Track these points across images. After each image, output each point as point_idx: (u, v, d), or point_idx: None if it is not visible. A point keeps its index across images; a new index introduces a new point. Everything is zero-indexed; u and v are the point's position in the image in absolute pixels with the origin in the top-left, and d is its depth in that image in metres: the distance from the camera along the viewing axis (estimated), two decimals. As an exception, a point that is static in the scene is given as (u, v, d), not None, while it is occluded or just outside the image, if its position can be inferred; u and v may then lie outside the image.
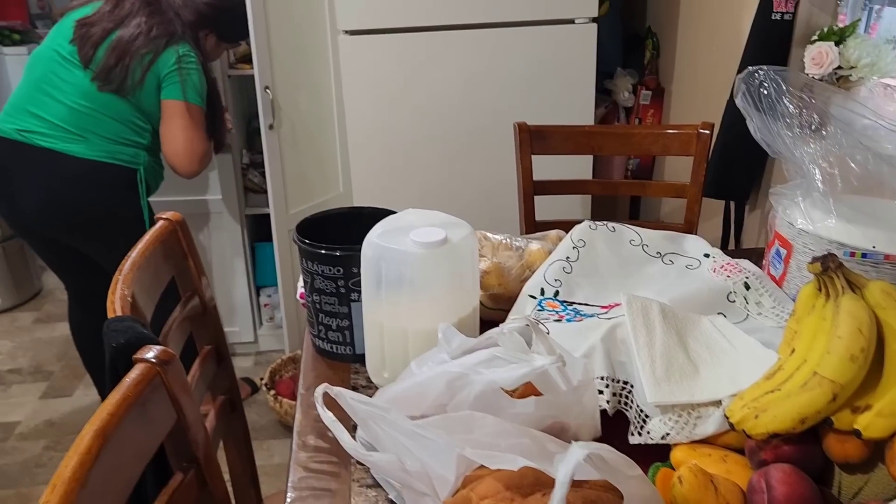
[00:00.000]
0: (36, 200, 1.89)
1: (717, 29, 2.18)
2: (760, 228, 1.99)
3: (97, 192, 1.91)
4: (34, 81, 1.90)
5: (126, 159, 1.93)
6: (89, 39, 1.86)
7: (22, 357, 2.83)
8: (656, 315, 0.93)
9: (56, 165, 1.87)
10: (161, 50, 1.89)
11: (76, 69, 1.88)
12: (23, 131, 1.87)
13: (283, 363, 2.47)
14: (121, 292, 0.95)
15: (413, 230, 1.02)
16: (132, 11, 1.90)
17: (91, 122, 1.88)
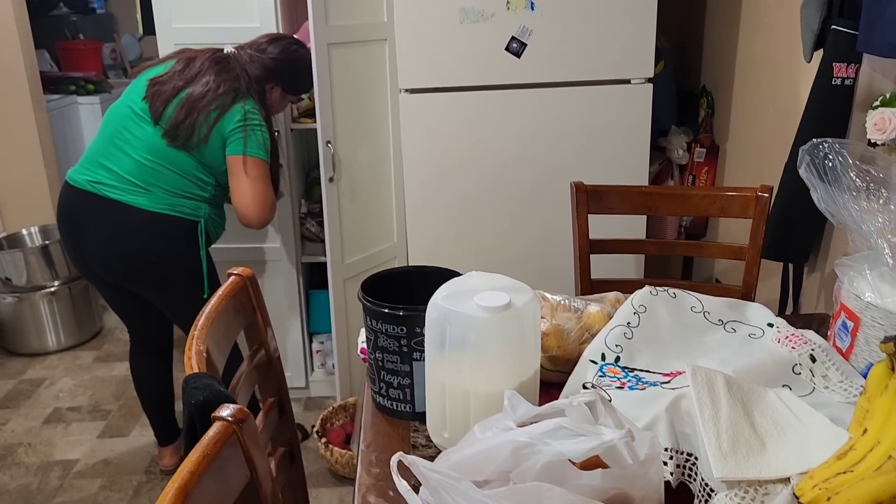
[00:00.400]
0: (101, 248, 1.99)
1: (773, 90, 2.19)
2: (820, 292, 1.97)
3: (157, 243, 1.99)
4: (108, 136, 2.01)
5: (187, 212, 2.01)
6: (160, 96, 1.96)
7: (82, 395, 2.92)
8: (721, 387, 0.93)
9: (121, 215, 1.96)
10: (227, 107, 1.97)
11: (146, 125, 1.97)
12: (94, 182, 1.97)
13: (333, 411, 2.50)
14: (196, 348, 0.99)
15: (477, 294, 1.05)
16: (202, 70, 2.00)
17: (156, 175, 1.97)
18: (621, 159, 2.28)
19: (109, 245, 1.98)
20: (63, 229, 2.06)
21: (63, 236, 2.07)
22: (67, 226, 2.04)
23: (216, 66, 2.02)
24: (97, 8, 4.98)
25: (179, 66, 2.02)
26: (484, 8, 2.12)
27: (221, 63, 2.03)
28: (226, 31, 2.39)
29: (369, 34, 2.33)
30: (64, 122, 3.90)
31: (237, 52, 2.08)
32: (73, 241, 2.04)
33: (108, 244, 1.98)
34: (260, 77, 2.06)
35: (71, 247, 2.06)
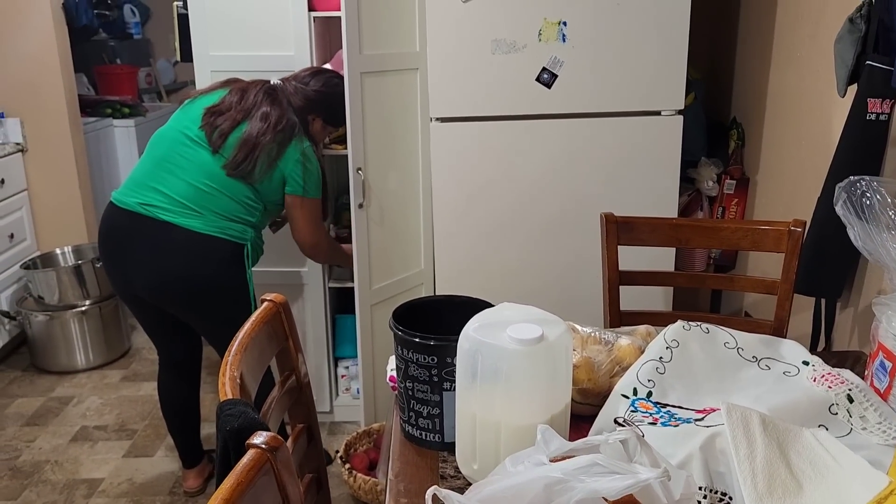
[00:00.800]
0: (149, 268, 2.02)
1: (806, 123, 2.18)
2: (853, 328, 1.94)
3: (207, 264, 2.03)
4: (157, 159, 2.05)
5: (235, 235, 2.05)
6: (218, 128, 2.02)
7: (108, 414, 2.94)
8: (757, 425, 0.92)
9: (172, 237, 2.00)
10: (286, 144, 2.05)
11: (203, 151, 2.02)
12: (145, 204, 2.01)
13: (358, 436, 2.49)
14: (230, 374, 1.00)
15: (510, 325, 1.05)
16: (256, 102, 2.06)
17: (209, 199, 2.01)
18: (651, 191, 2.28)
19: (158, 266, 2.01)
20: (106, 249, 2.09)
21: (106, 256, 2.10)
22: (112, 246, 2.07)
23: (269, 98, 2.08)
24: (134, 33, 5.10)
25: (234, 97, 2.08)
26: (516, 39, 2.14)
27: (272, 95, 2.10)
28: (261, 58, 2.44)
29: (402, 63, 2.36)
30: (99, 144, 3.98)
31: (283, 84, 2.15)
32: (117, 261, 2.07)
33: (157, 265, 2.01)
34: (303, 108, 2.13)
35: (114, 267, 2.09)
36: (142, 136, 4.22)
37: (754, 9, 2.53)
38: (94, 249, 3.46)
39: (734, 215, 2.58)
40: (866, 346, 1.89)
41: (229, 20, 2.43)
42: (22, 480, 2.51)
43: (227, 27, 2.44)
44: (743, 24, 2.63)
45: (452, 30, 2.15)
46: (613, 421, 1.06)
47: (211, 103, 2.07)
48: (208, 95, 2.11)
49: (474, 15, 2.13)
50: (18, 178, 3.39)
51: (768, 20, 2.40)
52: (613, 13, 2.13)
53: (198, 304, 2.07)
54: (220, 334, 2.15)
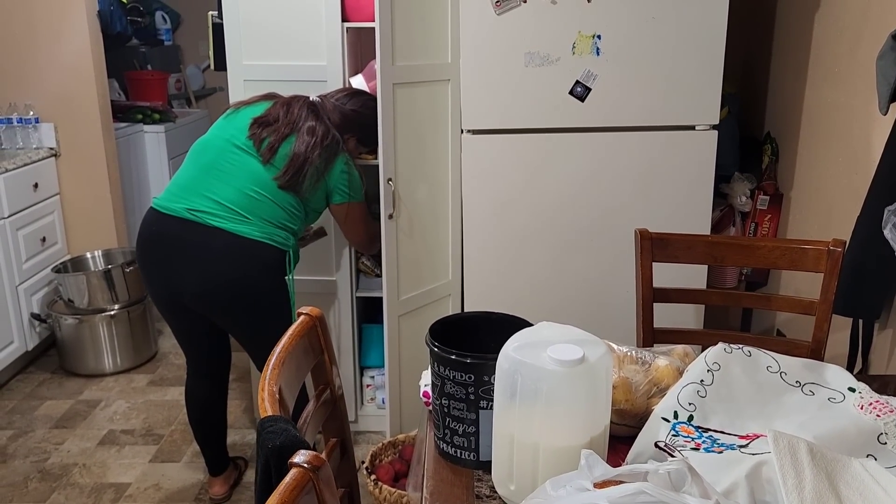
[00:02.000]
0: (197, 272, 2.03)
1: (844, 140, 2.14)
2: (892, 350, 1.90)
3: (254, 269, 2.06)
4: (203, 166, 2.08)
5: (280, 241, 2.08)
6: (266, 140, 2.05)
7: (135, 418, 2.96)
8: (805, 455, 0.90)
9: (222, 241, 2.02)
10: (332, 159, 2.10)
11: (251, 158, 2.06)
12: (193, 210, 2.03)
13: (383, 447, 2.49)
14: (269, 389, 1.00)
15: (550, 346, 1.04)
16: (301, 116, 2.10)
17: (258, 206, 2.04)
18: (684, 206, 2.26)
19: (206, 269, 2.03)
20: (149, 254, 2.09)
21: (148, 261, 2.10)
22: (157, 251, 2.08)
23: (312, 113, 2.13)
24: (165, 40, 5.16)
25: (280, 109, 2.11)
26: (550, 52, 2.13)
27: (315, 111, 2.14)
28: (294, 68, 2.45)
29: (434, 75, 2.36)
30: (129, 149, 4.03)
31: (321, 101, 2.19)
32: (161, 266, 2.08)
33: (205, 268, 2.03)
34: (339, 126, 2.16)
35: (158, 272, 2.10)
36: (171, 141, 4.27)
37: (790, 24, 2.50)
38: (125, 254, 3.49)
39: (767, 231, 2.55)
40: (906, 368, 1.85)
41: (263, 30, 2.45)
42: (51, 483, 2.54)
43: (260, 37, 2.46)
44: (778, 38, 2.60)
45: (486, 42, 2.15)
46: (654, 445, 1.05)
47: (257, 114, 2.10)
48: (252, 106, 2.14)
49: (508, 27, 2.13)
50: (51, 183, 3.44)
51: (805, 35, 2.37)
52: (649, 27, 2.11)
53: (242, 308, 2.09)
54: (258, 341, 2.17)
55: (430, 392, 1.39)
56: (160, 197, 2.11)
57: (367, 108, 2.22)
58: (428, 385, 1.40)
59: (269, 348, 2.17)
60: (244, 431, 2.84)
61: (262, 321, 2.13)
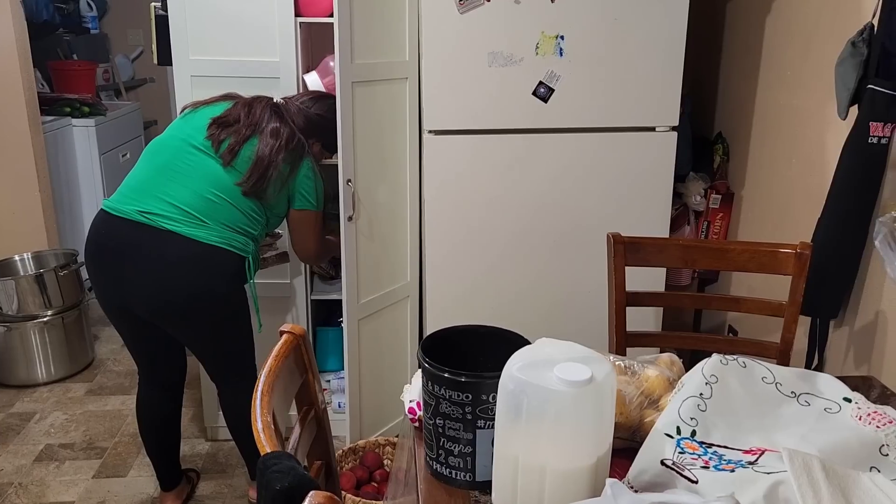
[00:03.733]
0: (151, 280, 1.92)
1: (797, 142, 2.20)
2: (848, 348, 1.96)
3: (211, 276, 1.96)
4: (158, 167, 1.97)
5: (238, 246, 1.99)
6: (226, 141, 1.96)
7: (74, 431, 2.81)
8: (819, 472, 0.91)
9: (176, 247, 1.91)
10: (298, 163, 2.03)
11: (210, 160, 1.96)
12: (145, 213, 1.91)
13: (343, 454, 2.43)
14: (264, 420, 0.94)
15: (556, 365, 1.01)
16: (263, 118, 2.00)
17: (217, 209, 1.95)
18: (644, 206, 2.27)
19: (160, 277, 1.92)
20: (98, 260, 1.97)
21: (97, 267, 1.98)
22: (106, 257, 1.95)
23: (276, 115, 2.03)
24: (91, 28, 4.90)
25: (241, 110, 2.01)
26: (513, 52, 2.11)
27: (279, 113, 2.05)
28: (245, 64, 2.35)
29: (392, 73, 2.30)
30: (57, 144, 3.81)
31: (286, 103, 2.11)
32: (111, 272, 1.96)
33: (158, 276, 1.92)
34: (304, 130, 2.08)
35: (107, 279, 1.97)
36: (103, 136, 4.06)
37: (739, 27, 2.55)
38: (57, 256, 3.31)
39: (719, 230, 2.60)
40: (861, 366, 1.92)
41: (211, 23, 2.33)
42: (-15, 505, 2.38)
43: (208, 30, 2.34)
44: (727, 41, 2.65)
45: (449, 41, 2.10)
46: (660, 463, 1.03)
47: (216, 114, 2.00)
48: (211, 106, 2.05)
49: (471, 27, 2.09)
50: (-27, 182, 3.22)
51: (756, 38, 2.42)
52: (611, 28, 2.11)
53: (198, 318, 1.99)
54: (214, 351, 2.10)
55: (415, 409, 1.35)
56: (111, 198, 1.99)
57: (332, 113, 2.14)
58: (413, 401, 1.35)
59: (226, 359, 2.11)
60: (193, 441, 2.73)
61: (219, 331, 2.04)
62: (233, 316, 2.04)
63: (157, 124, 5.16)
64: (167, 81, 5.16)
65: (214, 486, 2.50)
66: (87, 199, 4.07)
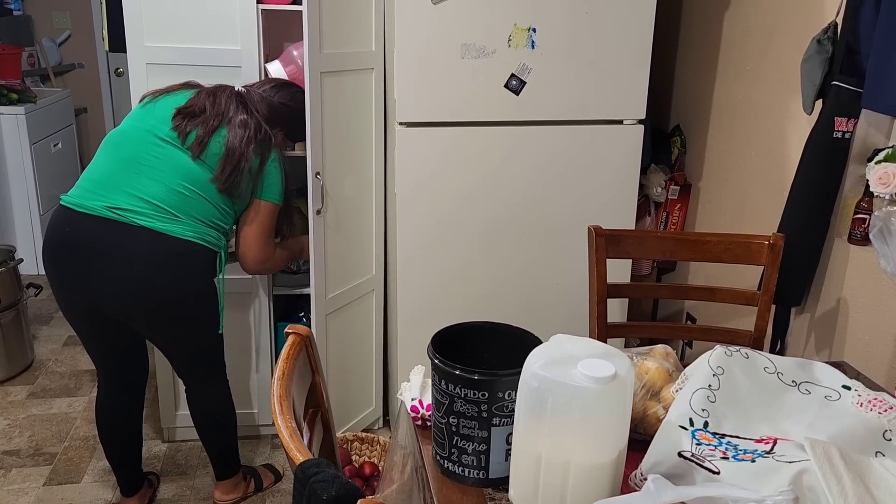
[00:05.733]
0: (124, 278, 1.84)
1: (755, 134, 2.27)
2: (809, 334, 2.04)
3: (187, 272, 1.90)
4: (123, 160, 1.87)
5: (212, 241, 1.93)
6: (193, 133, 1.88)
7: (19, 437, 2.67)
8: (839, 460, 0.94)
9: (151, 243, 1.83)
10: (267, 155, 1.96)
11: (178, 151, 1.88)
12: (114, 209, 1.82)
13: (312, 452, 2.39)
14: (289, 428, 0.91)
15: (579, 362, 1.02)
16: (229, 108, 1.93)
17: (188, 203, 1.88)
18: (611, 198, 2.31)
19: (134, 276, 1.84)
20: (62, 259, 1.86)
21: (60, 267, 1.87)
22: (70, 255, 1.85)
23: (242, 105, 1.96)
24: (14, 9, 4.63)
25: (205, 99, 1.93)
26: (486, 44, 2.10)
27: (244, 103, 1.98)
28: (205, 52, 2.27)
29: (359, 63, 2.26)
30: (-17, 134, 3.60)
31: (248, 91, 2.04)
32: (76, 273, 1.85)
33: (133, 274, 1.84)
34: (268, 120, 2.02)
35: (72, 279, 1.87)
36: (33, 124, 3.85)
37: (697, 21, 2.61)
38: (-9, 253, 3.12)
39: (677, 220, 2.67)
40: (822, 351, 2.00)
41: (168, 9, 2.23)
42: (-72, 520, 2.24)
43: (165, 16, 2.24)
44: (684, 34, 2.71)
45: (421, 33, 2.08)
46: (678, 455, 1.05)
47: (179, 104, 1.92)
48: (172, 95, 1.96)
49: (444, 18, 2.07)
50: None
51: (714, 33, 2.48)
52: (582, 21, 2.13)
53: (170, 316, 1.93)
54: (184, 349, 2.04)
55: (418, 407, 1.34)
56: (71, 193, 1.88)
57: (296, 101, 2.09)
58: (415, 399, 1.34)
59: (198, 357, 2.05)
60: (150, 443, 2.63)
61: (192, 329, 1.99)
62: (206, 313, 1.98)
63: (87, 112, 4.93)
64: (97, 67, 4.94)
65: (176, 488, 2.42)
66: (18, 193, 3.86)
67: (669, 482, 0.86)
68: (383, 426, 2.75)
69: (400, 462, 1.47)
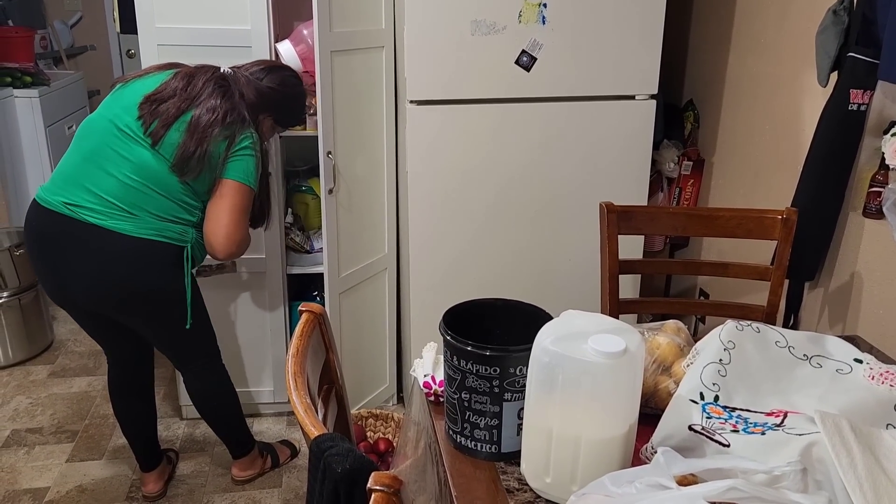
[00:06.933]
0: (82, 276, 1.85)
1: (771, 108, 2.24)
2: (823, 308, 2.04)
3: (144, 271, 1.86)
4: (85, 152, 1.84)
5: (173, 236, 1.88)
6: (159, 117, 1.79)
7: (41, 415, 2.72)
8: (849, 433, 0.95)
9: (103, 242, 1.81)
10: (234, 138, 1.84)
11: (136, 145, 1.81)
12: (71, 205, 1.80)
13: (327, 429, 2.42)
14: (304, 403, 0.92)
15: (589, 337, 1.02)
16: (204, 92, 1.83)
17: (142, 198, 1.82)
18: (623, 173, 2.30)
19: (91, 274, 1.84)
20: (34, 253, 1.90)
21: (34, 259, 1.91)
22: (40, 250, 1.88)
23: (220, 88, 1.85)
24: (26, -8, 4.64)
25: (178, 82, 1.84)
26: (496, 20, 2.08)
27: (224, 86, 1.87)
28: (214, 32, 2.26)
29: (369, 42, 2.26)
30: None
31: (235, 73, 1.94)
32: (47, 266, 1.88)
33: (90, 273, 1.84)
34: (255, 104, 1.92)
35: (44, 271, 1.90)
36: (47, 107, 3.86)
37: (711, -7, 2.58)
38: (10, 235, 3.16)
39: (690, 196, 2.65)
40: (836, 325, 2.00)
41: (178, -10, 2.23)
42: (-45, 496, 2.29)
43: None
44: (698, 7, 2.68)
45: (431, 9, 2.07)
46: (688, 428, 1.06)
47: (149, 89, 1.83)
48: (144, 79, 1.87)
49: (454, -6, 2.05)
50: (-86, 158, 3.04)
51: (727, 6, 2.45)
52: (593, -5, 2.11)
53: (140, 312, 1.93)
54: (167, 341, 2.05)
55: (430, 383, 1.35)
56: (43, 186, 1.89)
57: (287, 86, 2.00)
58: (428, 375, 1.36)
59: (182, 346, 2.07)
60: (168, 421, 2.68)
61: (166, 321, 1.97)
62: (169, 308, 1.94)
63: (100, 94, 4.95)
64: (109, 49, 4.95)
65: (195, 465, 2.46)
66: (34, 175, 3.89)
67: (679, 455, 0.87)
68: (398, 403, 2.77)
69: (414, 438, 1.49)
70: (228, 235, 1.86)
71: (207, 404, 2.18)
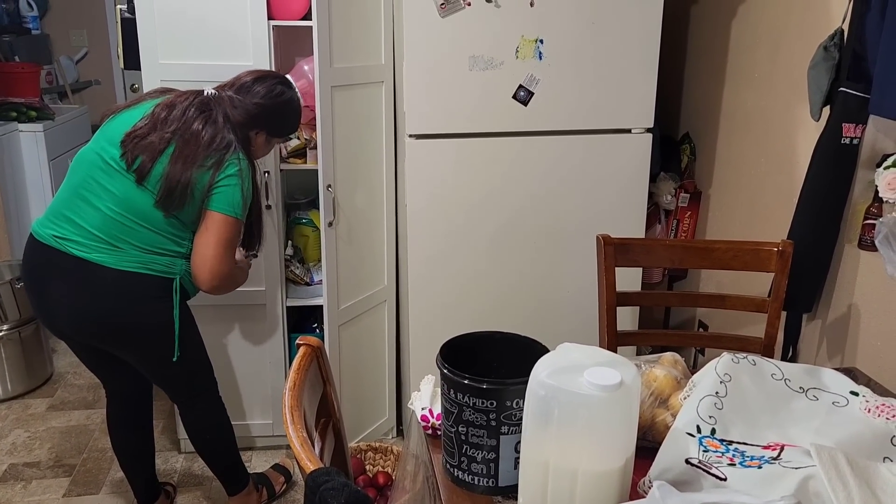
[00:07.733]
0: (67, 309, 1.86)
1: (765, 141, 2.27)
2: (821, 340, 2.04)
3: (127, 304, 1.85)
4: (74, 185, 1.85)
5: (160, 269, 1.87)
6: (144, 152, 1.78)
7: (39, 449, 2.71)
8: (845, 466, 0.95)
9: (88, 275, 1.81)
10: (220, 166, 1.81)
11: (119, 177, 1.81)
12: (59, 238, 1.82)
13: (326, 462, 2.41)
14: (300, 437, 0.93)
15: (585, 370, 1.03)
16: (187, 119, 1.81)
17: (126, 231, 1.82)
18: (621, 206, 2.32)
19: (76, 306, 1.85)
20: (27, 284, 1.92)
21: (28, 291, 1.93)
22: (32, 282, 1.90)
23: (202, 115, 1.83)
24: (32, 28, 4.72)
25: (160, 112, 1.83)
26: (494, 56, 2.12)
27: (206, 111, 1.84)
28: (217, 68, 2.29)
29: (369, 77, 2.29)
30: (3, 151, 3.65)
31: (219, 95, 1.91)
32: (38, 297, 1.91)
33: (74, 305, 1.85)
34: (243, 124, 1.89)
35: (37, 302, 1.93)
36: (52, 141, 3.91)
37: (705, 29, 2.62)
38: (11, 268, 3.18)
39: (687, 228, 2.67)
40: (834, 357, 2.00)
41: (181, 26, 2.27)
42: (-49, 531, 2.28)
43: (178, 33, 2.28)
44: (692, 42, 2.72)
45: (430, 45, 2.10)
46: (685, 461, 1.06)
47: (133, 122, 1.83)
48: (131, 110, 1.87)
49: (452, 30, 2.09)
50: (-82, 191, 3.06)
51: (721, 41, 2.49)
52: (589, 32, 2.15)
53: (127, 345, 1.93)
54: (158, 373, 2.03)
55: (428, 416, 1.35)
56: (38, 220, 1.91)
57: (274, 97, 1.94)
58: (426, 409, 1.36)
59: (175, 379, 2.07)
60: (166, 455, 2.66)
61: (156, 354, 1.95)
62: (155, 340, 1.92)
63: (104, 128, 5.00)
64: (113, 83, 5.02)
65: (193, 499, 2.44)
66: (36, 208, 3.92)
67: (674, 489, 0.87)
68: (397, 436, 2.76)
69: (412, 471, 1.48)
70: (212, 270, 1.84)
71: (201, 437, 2.17)
